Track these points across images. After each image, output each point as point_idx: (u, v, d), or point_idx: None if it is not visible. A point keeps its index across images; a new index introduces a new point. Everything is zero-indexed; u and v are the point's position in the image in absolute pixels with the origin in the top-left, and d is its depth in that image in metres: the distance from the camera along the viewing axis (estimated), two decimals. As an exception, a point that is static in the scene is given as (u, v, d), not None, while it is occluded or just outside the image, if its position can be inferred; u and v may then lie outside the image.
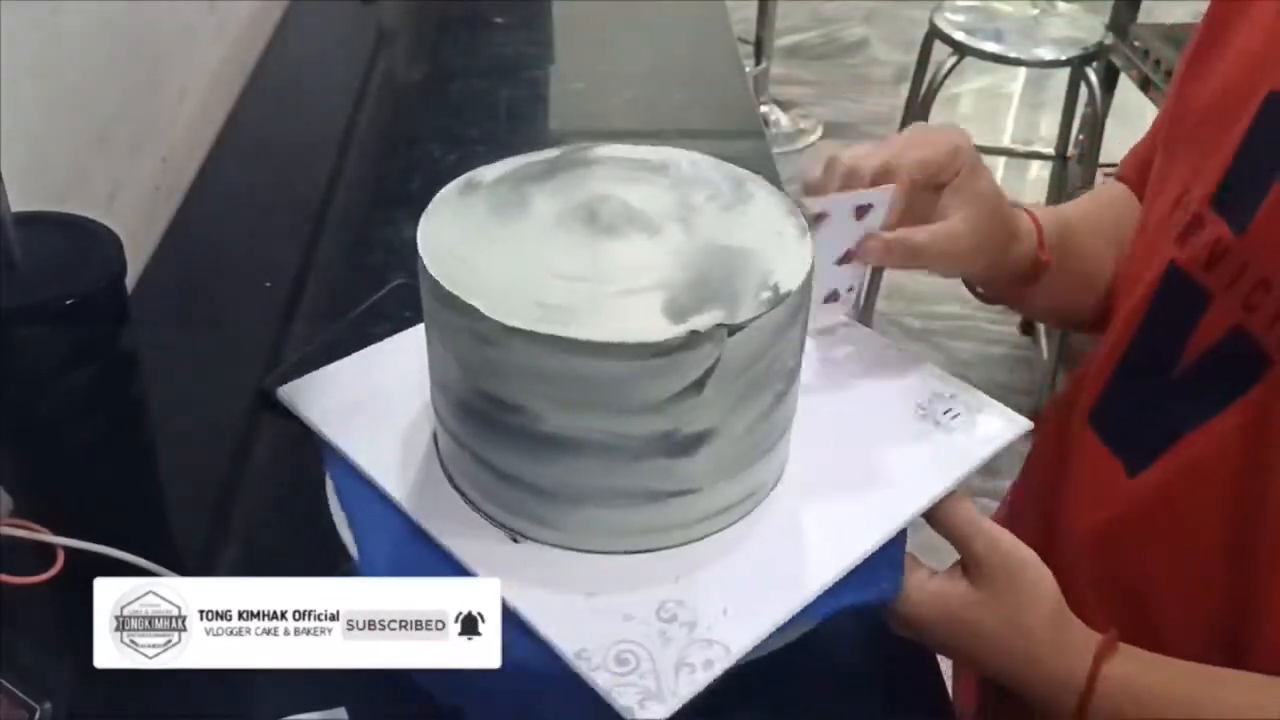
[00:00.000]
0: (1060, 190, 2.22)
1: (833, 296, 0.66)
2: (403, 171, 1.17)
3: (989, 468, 0.62)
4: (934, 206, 0.63)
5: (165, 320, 0.90)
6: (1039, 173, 2.75)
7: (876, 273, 2.09)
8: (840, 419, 0.65)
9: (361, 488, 0.61)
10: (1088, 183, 2.00)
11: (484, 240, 0.56)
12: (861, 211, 0.61)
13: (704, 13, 1.55)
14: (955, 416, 0.65)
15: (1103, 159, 2.01)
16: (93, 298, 0.63)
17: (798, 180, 0.65)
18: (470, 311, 0.51)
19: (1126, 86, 1.99)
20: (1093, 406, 0.68)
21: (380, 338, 0.87)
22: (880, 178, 0.61)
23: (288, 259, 1.02)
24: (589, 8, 1.57)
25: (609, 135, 0.66)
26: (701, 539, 0.58)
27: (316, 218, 1.09)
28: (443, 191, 0.60)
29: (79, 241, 0.65)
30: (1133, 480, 0.63)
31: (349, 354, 0.72)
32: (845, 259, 0.63)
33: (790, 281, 0.53)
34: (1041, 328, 2.22)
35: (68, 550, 0.63)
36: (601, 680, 0.50)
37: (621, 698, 0.49)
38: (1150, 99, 1.91)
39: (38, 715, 0.58)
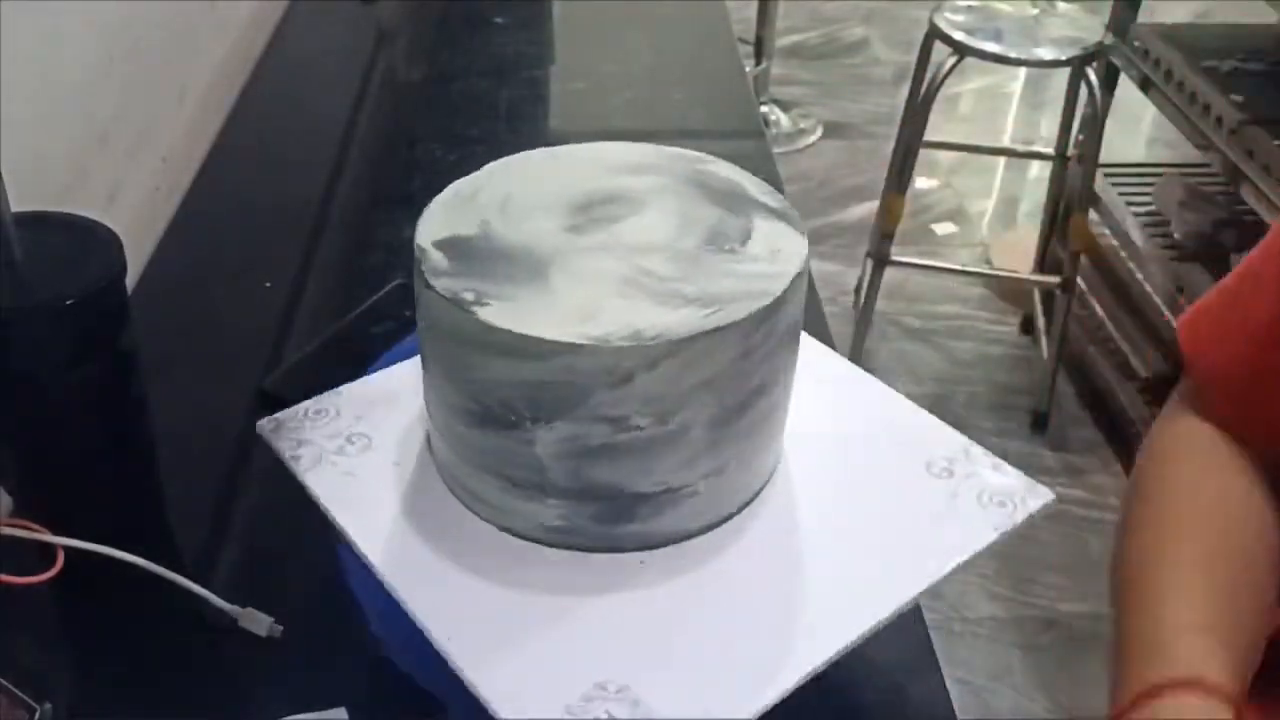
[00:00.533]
0: (1060, 190, 2.22)
1: None
2: (403, 171, 1.17)
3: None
4: None
5: (165, 320, 0.90)
6: (1039, 173, 2.75)
7: (877, 273, 2.09)
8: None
9: None
10: (1088, 183, 2.00)
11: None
12: None
13: (704, 13, 1.55)
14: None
15: (1103, 159, 2.01)
16: (93, 298, 0.63)
17: (797, 181, 0.65)
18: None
19: (1126, 86, 1.99)
20: None
21: (380, 338, 0.87)
22: None
23: (288, 259, 1.02)
24: (589, 8, 1.57)
25: (609, 135, 0.66)
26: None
27: (316, 218, 1.09)
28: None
29: (79, 241, 0.65)
30: None
31: (349, 353, 0.73)
32: None
33: (505, 321, 0.51)
34: (1042, 327, 2.22)
35: (68, 550, 0.63)
36: None
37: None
38: (1150, 99, 1.91)
39: (38, 715, 0.58)
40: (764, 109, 2.95)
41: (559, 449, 0.53)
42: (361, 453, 0.62)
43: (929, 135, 2.04)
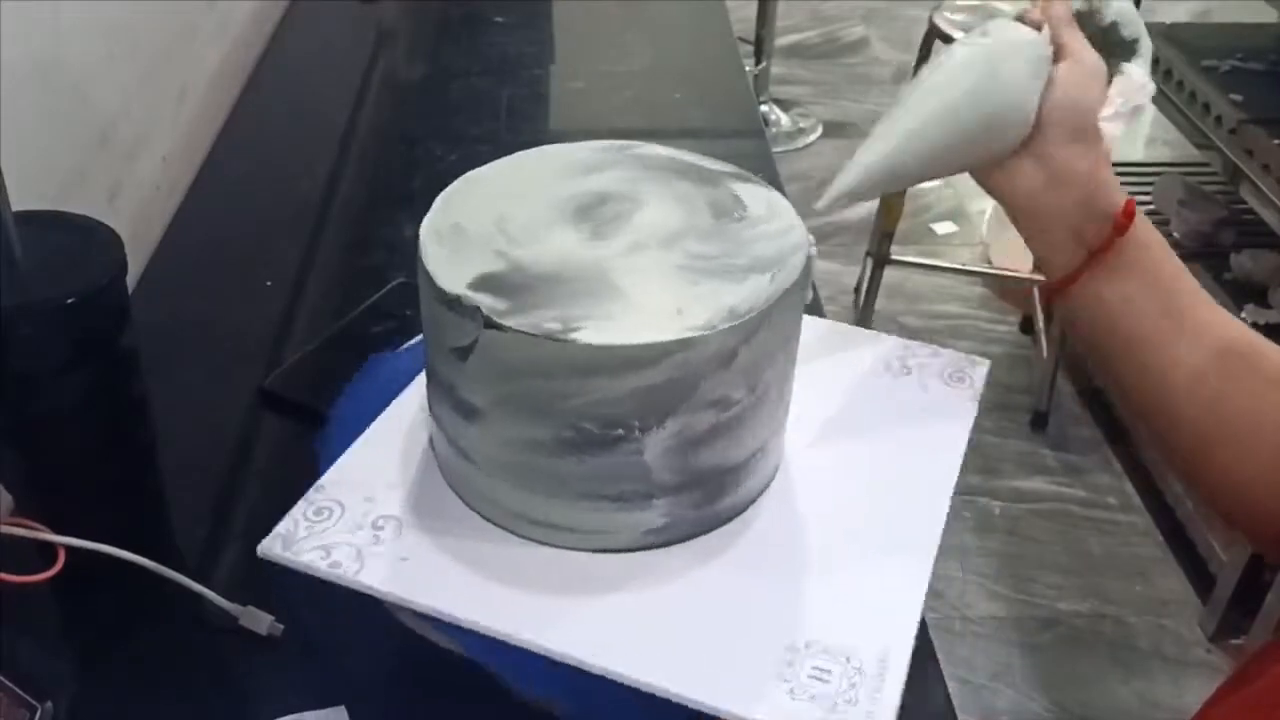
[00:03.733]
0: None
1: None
2: (403, 171, 1.17)
3: (988, 467, 0.62)
4: None
5: (165, 320, 0.90)
6: (1039, 172, 2.75)
7: (877, 272, 2.09)
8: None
9: None
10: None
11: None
12: None
13: (704, 13, 1.55)
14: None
15: (1102, 159, 2.00)
16: (93, 297, 0.63)
17: (797, 180, 0.65)
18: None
19: (1126, 86, 1.98)
20: None
21: (380, 337, 0.87)
22: None
23: (288, 258, 1.02)
24: (589, 8, 1.57)
25: (609, 135, 0.66)
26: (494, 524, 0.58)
27: (316, 217, 1.09)
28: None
29: (79, 241, 0.65)
30: None
31: (348, 354, 0.72)
32: None
33: (607, 338, 0.50)
34: (1041, 327, 2.21)
35: (68, 549, 0.63)
36: None
37: None
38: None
39: (38, 715, 0.58)
40: (764, 109, 2.95)
41: (667, 446, 0.54)
42: (397, 537, 0.57)
43: (929, 135, 2.04)
